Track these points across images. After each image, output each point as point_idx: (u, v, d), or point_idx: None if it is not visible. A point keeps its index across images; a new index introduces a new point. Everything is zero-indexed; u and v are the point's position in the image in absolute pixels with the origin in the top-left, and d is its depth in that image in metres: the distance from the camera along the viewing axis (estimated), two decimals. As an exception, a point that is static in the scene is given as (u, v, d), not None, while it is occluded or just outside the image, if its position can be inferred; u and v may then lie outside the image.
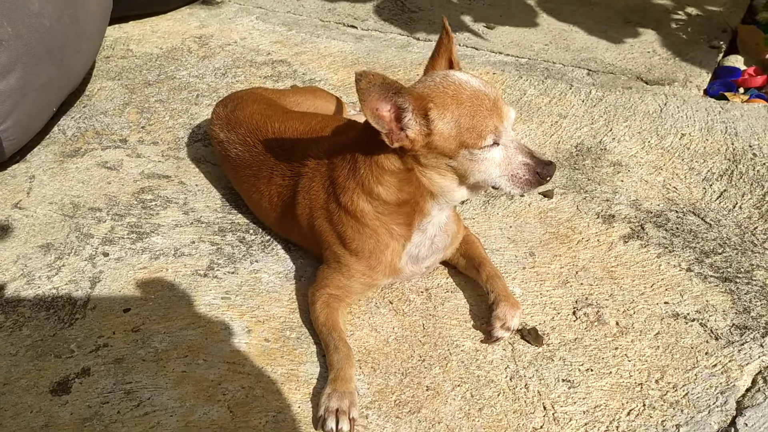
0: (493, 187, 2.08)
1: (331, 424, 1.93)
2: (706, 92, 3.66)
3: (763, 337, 2.21)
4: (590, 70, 3.84)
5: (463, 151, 1.98)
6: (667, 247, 2.59)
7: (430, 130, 1.97)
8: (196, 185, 2.99)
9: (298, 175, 2.40)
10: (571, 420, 1.99)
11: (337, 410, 1.95)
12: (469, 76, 2.04)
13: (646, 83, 3.71)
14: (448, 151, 1.99)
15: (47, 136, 3.33)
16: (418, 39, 4.28)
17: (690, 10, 4.51)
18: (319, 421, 1.96)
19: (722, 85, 3.70)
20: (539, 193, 2.88)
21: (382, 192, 2.11)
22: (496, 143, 1.98)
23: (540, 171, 2.00)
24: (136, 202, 2.88)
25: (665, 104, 3.48)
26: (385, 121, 1.94)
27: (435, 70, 2.14)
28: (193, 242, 2.67)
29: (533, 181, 2.02)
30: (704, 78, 3.75)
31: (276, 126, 2.58)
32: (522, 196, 2.05)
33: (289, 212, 2.43)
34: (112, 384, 2.10)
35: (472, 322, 2.31)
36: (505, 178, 2.03)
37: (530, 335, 2.24)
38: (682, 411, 2.00)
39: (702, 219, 2.72)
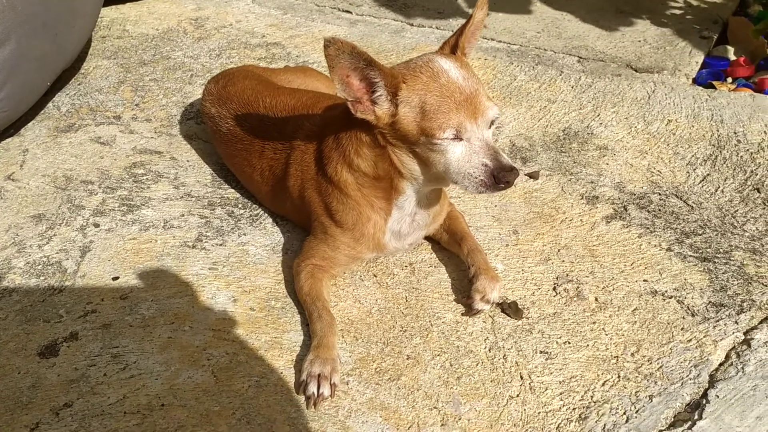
0: (452, 182, 2.07)
1: (312, 388, 1.98)
2: (695, 81, 3.71)
3: (738, 315, 2.26)
4: (581, 58, 3.88)
5: (423, 138, 1.99)
6: (648, 228, 2.63)
7: (395, 111, 2.00)
8: (188, 161, 3.03)
9: (290, 149, 2.43)
10: (546, 389, 2.04)
11: (319, 375, 1.99)
12: (455, 66, 2.01)
13: (636, 71, 3.75)
14: (410, 135, 2.02)
15: (42, 112, 3.36)
16: (411, 24, 4.32)
17: (683, 1, 4.55)
18: (301, 385, 2.01)
19: (711, 74, 3.74)
20: (525, 174, 2.93)
21: (361, 164, 2.17)
22: (458, 138, 1.97)
23: (497, 175, 1.95)
24: (127, 176, 2.92)
25: (653, 91, 3.52)
26: (352, 89, 1.98)
27: (451, 45, 2.14)
28: (183, 215, 2.71)
29: (488, 184, 1.98)
30: (693, 67, 3.79)
31: (267, 101, 2.61)
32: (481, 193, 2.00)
33: (281, 185, 2.47)
34: (99, 348, 2.15)
35: (453, 296, 2.35)
36: (461, 175, 2.00)
37: (510, 309, 2.29)
38: (655, 383, 2.05)
39: (684, 201, 2.76)
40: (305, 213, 2.40)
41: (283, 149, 2.46)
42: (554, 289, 2.38)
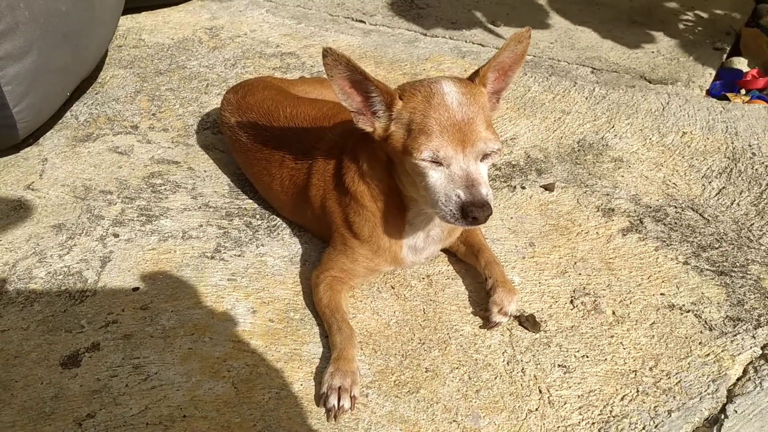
0: (429, 207, 2.03)
1: (333, 400, 1.99)
2: (709, 92, 3.71)
3: (756, 329, 2.26)
4: (594, 69, 3.90)
5: (407, 157, 1.99)
6: (665, 241, 2.64)
7: (388, 126, 2.03)
8: (205, 171, 3.06)
9: (312, 159, 2.46)
10: (565, 403, 2.04)
11: (339, 388, 2.00)
12: (458, 91, 1.97)
13: (650, 82, 3.76)
14: (398, 153, 2.03)
15: (60, 121, 3.40)
16: (425, 35, 4.34)
17: (695, 12, 4.56)
18: (321, 398, 2.02)
19: (724, 86, 3.75)
20: (540, 186, 2.94)
21: (372, 177, 2.21)
22: (437, 162, 1.94)
23: (466, 209, 1.90)
24: (145, 186, 2.95)
25: (668, 103, 3.53)
26: (354, 100, 2.03)
27: (474, 72, 2.10)
28: (201, 226, 2.73)
29: (457, 216, 1.93)
30: (707, 78, 3.80)
31: (288, 111, 2.64)
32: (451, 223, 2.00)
33: (302, 195, 2.49)
34: (121, 359, 2.16)
35: (471, 309, 2.36)
36: (434, 201, 1.97)
37: (528, 322, 2.30)
38: (674, 397, 2.05)
39: (700, 215, 2.77)
40: (325, 224, 2.42)
41: (304, 159, 2.48)
42: (571, 302, 2.39)
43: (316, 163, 2.42)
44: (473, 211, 1.89)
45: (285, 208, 2.69)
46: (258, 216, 2.80)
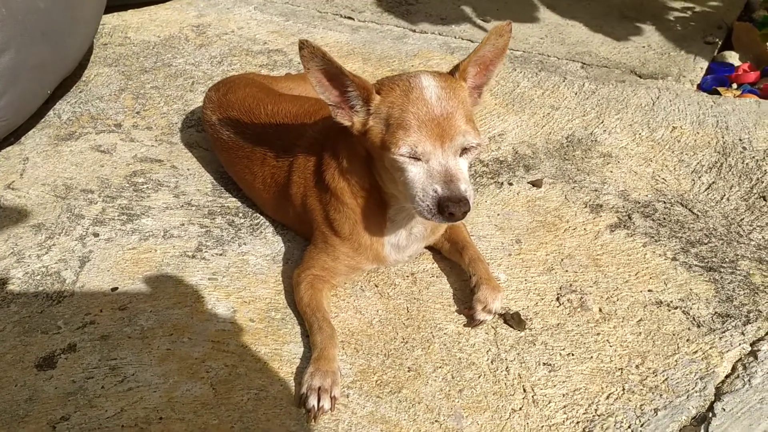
0: (407, 203, 2.00)
1: (312, 401, 1.95)
2: (700, 87, 3.67)
3: (745, 326, 2.22)
4: (584, 64, 3.86)
5: (385, 152, 1.95)
6: (653, 237, 2.60)
7: (366, 120, 1.99)
8: (188, 169, 3.01)
9: (293, 156, 2.42)
10: (550, 402, 2.00)
11: (319, 388, 1.96)
12: (437, 85, 1.93)
13: (640, 77, 3.72)
14: (376, 148, 1.99)
15: (42, 120, 3.35)
16: (414, 31, 4.29)
17: (686, 6, 4.52)
18: (301, 398, 1.98)
19: (716, 80, 3.71)
20: (528, 182, 2.90)
21: (354, 174, 2.17)
22: (415, 158, 1.91)
23: (442, 204, 1.86)
24: (128, 185, 2.90)
25: (658, 98, 3.49)
26: (331, 93, 2.00)
27: (454, 66, 2.06)
28: (183, 224, 2.69)
29: (434, 212, 1.90)
30: (698, 73, 3.76)
31: (269, 108, 2.60)
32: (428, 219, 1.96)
33: (283, 193, 2.45)
34: (98, 360, 2.12)
35: (455, 307, 2.32)
36: (411, 197, 1.93)
37: (513, 320, 2.26)
38: (661, 395, 2.01)
39: (689, 210, 2.73)
40: (307, 222, 2.38)
41: (285, 157, 2.44)
42: (558, 299, 2.35)
43: (297, 160, 2.38)
44: (450, 206, 1.86)
45: (267, 206, 2.65)
46: (241, 214, 2.75)
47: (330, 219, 2.25)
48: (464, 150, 1.94)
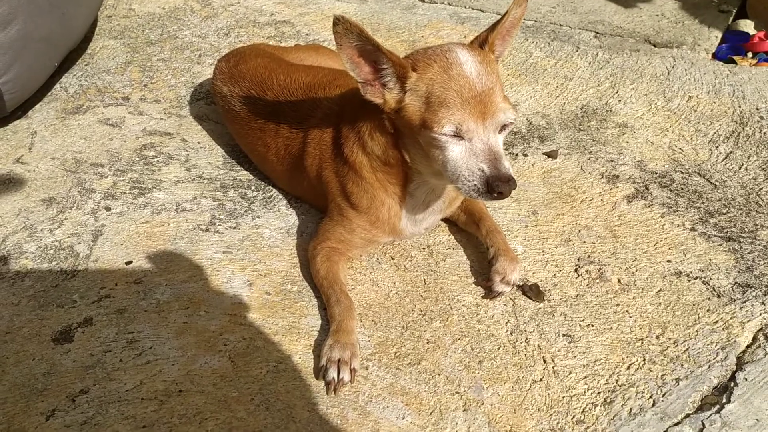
0: (448, 180, 1.96)
1: (332, 373, 1.94)
2: (715, 56, 3.62)
3: (765, 295, 2.20)
4: (597, 33, 3.79)
5: (425, 130, 1.90)
6: (671, 207, 2.57)
7: (402, 97, 1.93)
8: (198, 142, 2.98)
9: (308, 128, 2.38)
10: (570, 373, 1.99)
11: (338, 360, 1.95)
12: (474, 60, 1.88)
13: (654, 46, 3.67)
14: (413, 125, 1.93)
15: (49, 93, 3.31)
16: (423, 1, 4.23)
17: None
18: (320, 370, 1.97)
19: (731, 49, 3.65)
20: (543, 153, 2.86)
21: (374, 148, 2.12)
22: (458, 136, 1.87)
23: (492, 183, 1.84)
24: (138, 159, 2.87)
25: (673, 67, 3.43)
26: (362, 70, 1.93)
27: (481, 39, 2.01)
28: (195, 198, 2.66)
29: (482, 191, 1.87)
30: (713, 42, 3.70)
31: (282, 79, 2.55)
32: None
33: (297, 164, 2.42)
34: (115, 333, 2.11)
35: (473, 279, 2.30)
36: (456, 176, 1.90)
37: (531, 291, 2.24)
38: (682, 366, 2.00)
39: (707, 180, 2.70)
40: (322, 194, 2.35)
41: (300, 128, 2.40)
42: (576, 270, 2.33)
43: (312, 131, 2.34)
44: (499, 185, 1.83)
45: (280, 178, 2.62)
46: (253, 187, 2.72)
47: (347, 192, 2.22)
48: (503, 127, 1.91)
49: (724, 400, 1.90)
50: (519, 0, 1.97)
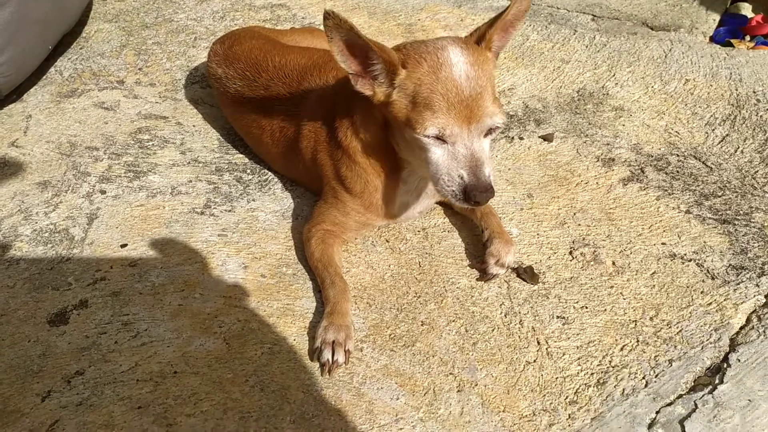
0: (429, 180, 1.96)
1: (327, 355, 1.94)
2: (712, 39, 3.61)
3: (759, 277, 2.21)
4: (595, 16, 3.78)
5: (409, 129, 1.89)
6: (666, 190, 2.57)
7: (390, 93, 1.91)
8: (194, 126, 2.97)
9: (303, 110, 2.37)
10: (564, 354, 2.00)
11: (333, 342, 1.96)
12: (466, 60, 1.84)
13: (652, 29, 3.65)
14: (399, 121, 1.92)
15: (44, 77, 3.30)
16: (420, -16, 4.20)
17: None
18: (315, 352, 1.98)
19: (728, 32, 3.64)
20: (539, 137, 2.86)
21: (367, 135, 2.12)
22: (441, 139, 1.86)
23: (469, 192, 1.84)
24: (133, 142, 2.87)
25: (670, 50, 3.42)
26: (353, 63, 1.90)
27: (479, 33, 1.96)
28: (190, 181, 2.66)
29: (459, 197, 1.88)
30: (710, 25, 3.69)
31: (276, 60, 2.54)
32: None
33: (292, 147, 2.41)
34: (110, 316, 2.12)
35: (468, 261, 2.31)
36: (436, 178, 1.91)
37: (526, 273, 2.24)
38: (675, 347, 2.01)
39: (703, 163, 2.70)
40: (316, 176, 2.35)
41: (295, 111, 2.39)
42: (570, 253, 2.33)
43: (308, 114, 2.34)
44: (476, 195, 1.83)
45: (275, 161, 2.61)
46: (249, 171, 2.72)
47: (341, 176, 2.22)
48: (489, 130, 1.89)
49: (717, 381, 1.91)
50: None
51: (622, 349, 2.01)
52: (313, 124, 2.31)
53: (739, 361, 1.96)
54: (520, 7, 1.94)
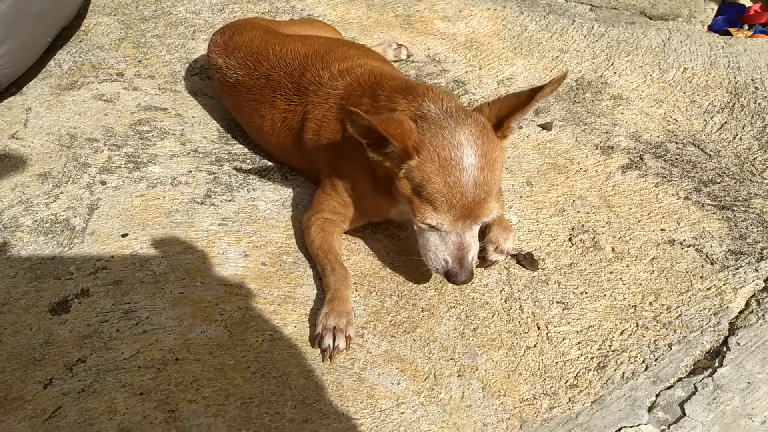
0: None
1: (328, 341, 1.95)
2: (710, 28, 3.61)
3: (758, 262, 2.22)
4: (593, 6, 3.78)
5: (407, 205, 1.97)
6: (665, 177, 2.58)
7: (398, 172, 1.93)
8: (193, 117, 2.98)
9: (307, 102, 2.36)
10: (564, 339, 2.01)
11: (334, 328, 1.97)
12: (477, 164, 1.84)
13: (650, 18, 3.65)
14: (401, 194, 1.97)
15: (43, 70, 3.29)
16: (418, -25, 4.19)
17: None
18: (316, 338, 1.98)
19: (726, 21, 3.64)
20: (538, 125, 2.86)
21: (374, 164, 2.07)
22: (434, 228, 1.93)
23: (450, 276, 1.97)
24: (133, 133, 2.87)
25: (668, 39, 3.42)
26: (368, 138, 1.92)
27: (499, 116, 1.94)
28: (190, 171, 2.66)
29: (440, 273, 2.02)
30: (708, 14, 3.69)
31: (277, 49, 2.54)
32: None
33: (295, 136, 2.41)
34: (111, 304, 2.12)
35: (468, 248, 2.31)
36: (424, 253, 2.03)
37: (526, 260, 2.25)
38: (674, 331, 2.02)
39: (702, 150, 2.70)
40: (316, 166, 2.35)
41: (299, 101, 2.39)
42: (570, 239, 2.34)
43: (313, 107, 2.32)
44: (456, 279, 1.98)
45: (275, 149, 2.62)
46: (249, 161, 2.73)
47: (342, 173, 2.22)
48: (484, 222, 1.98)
49: (716, 365, 1.92)
50: (557, 81, 1.88)
51: (621, 333, 2.02)
52: (319, 119, 2.30)
53: (738, 344, 1.97)
54: (543, 95, 1.91)
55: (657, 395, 1.85)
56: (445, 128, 1.89)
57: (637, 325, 2.04)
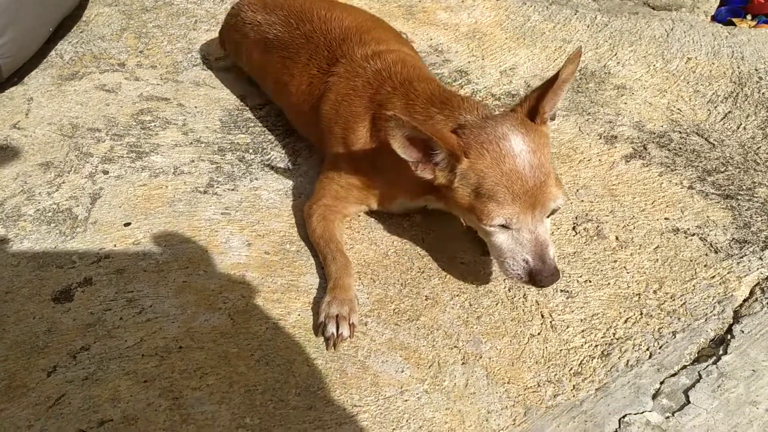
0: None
1: (331, 329, 1.95)
2: (714, 18, 3.60)
3: (763, 251, 2.21)
4: (596, -4, 3.77)
5: (472, 215, 1.91)
6: (669, 166, 2.57)
7: (452, 180, 1.90)
8: (195, 107, 2.97)
9: (334, 74, 2.36)
10: (568, 327, 2.01)
11: (337, 316, 1.96)
12: (527, 148, 1.83)
13: (653, 8, 3.64)
14: (461, 207, 1.94)
15: (44, 60, 3.29)
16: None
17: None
18: (319, 327, 1.98)
19: (730, 11, 3.63)
20: (541, 115, 2.86)
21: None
22: (506, 226, 1.88)
23: (535, 276, 1.87)
24: (135, 123, 2.86)
25: (672, 29, 3.41)
26: (413, 153, 1.90)
27: (530, 106, 1.95)
28: (193, 161, 2.66)
29: (524, 280, 1.91)
30: (712, 4, 3.68)
31: (322, 13, 2.55)
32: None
33: (314, 105, 2.41)
34: (114, 293, 2.12)
35: (471, 237, 2.31)
36: (500, 261, 1.95)
37: (530, 248, 2.24)
38: (679, 319, 2.02)
39: (705, 139, 2.69)
40: (325, 138, 2.35)
41: (327, 69, 2.38)
42: (574, 228, 2.33)
43: (339, 81, 2.32)
44: (542, 279, 1.87)
45: (292, 110, 2.63)
46: (251, 150, 2.72)
47: (351, 156, 2.21)
48: (552, 211, 1.91)
49: (720, 352, 1.92)
50: (572, 57, 1.88)
51: (626, 321, 2.02)
52: (341, 94, 2.29)
53: (742, 332, 1.96)
54: (567, 72, 1.90)
55: (661, 383, 1.85)
56: (486, 127, 1.89)
57: (641, 313, 2.04)
